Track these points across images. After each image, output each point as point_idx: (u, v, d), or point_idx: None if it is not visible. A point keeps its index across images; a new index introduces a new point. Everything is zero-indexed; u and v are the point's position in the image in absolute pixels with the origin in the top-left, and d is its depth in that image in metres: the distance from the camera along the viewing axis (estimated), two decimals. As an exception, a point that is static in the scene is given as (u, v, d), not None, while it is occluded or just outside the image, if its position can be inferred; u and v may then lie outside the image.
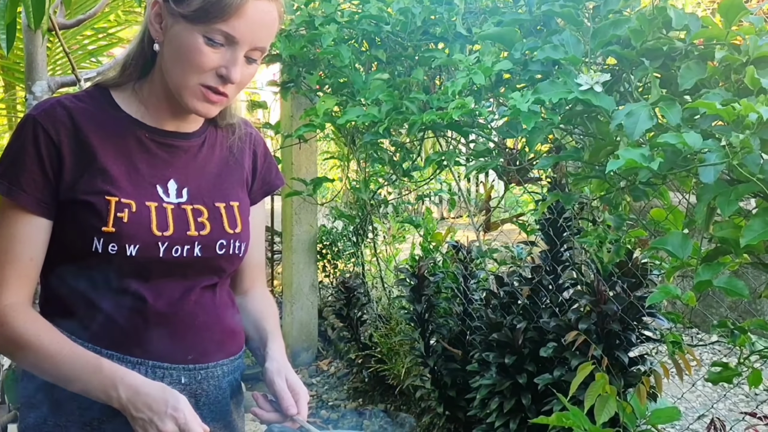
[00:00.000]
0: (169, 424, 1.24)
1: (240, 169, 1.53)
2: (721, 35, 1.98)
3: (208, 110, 1.37)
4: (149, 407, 1.25)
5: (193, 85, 1.33)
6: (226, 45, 1.31)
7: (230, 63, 1.31)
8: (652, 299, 1.88)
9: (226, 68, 1.31)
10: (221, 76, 1.32)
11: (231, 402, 1.50)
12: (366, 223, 4.08)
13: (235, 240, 1.45)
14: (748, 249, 1.79)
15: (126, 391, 1.27)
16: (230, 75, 1.31)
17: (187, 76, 1.32)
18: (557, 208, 2.80)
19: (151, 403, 1.26)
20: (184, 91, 1.34)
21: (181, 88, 1.34)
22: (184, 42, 1.31)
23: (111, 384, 1.27)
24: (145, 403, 1.26)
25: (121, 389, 1.27)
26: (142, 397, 1.26)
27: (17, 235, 1.34)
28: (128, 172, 1.37)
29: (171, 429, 1.24)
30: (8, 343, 1.34)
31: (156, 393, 1.27)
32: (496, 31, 2.35)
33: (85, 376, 1.29)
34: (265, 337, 1.53)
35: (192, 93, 1.34)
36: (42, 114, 1.34)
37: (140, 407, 1.26)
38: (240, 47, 1.31)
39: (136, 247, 1.33)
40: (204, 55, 1.30)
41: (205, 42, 1.30)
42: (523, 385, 2.83)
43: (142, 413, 1.25)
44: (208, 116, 1.39)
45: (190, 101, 1.35)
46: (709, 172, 1.74)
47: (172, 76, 1.35)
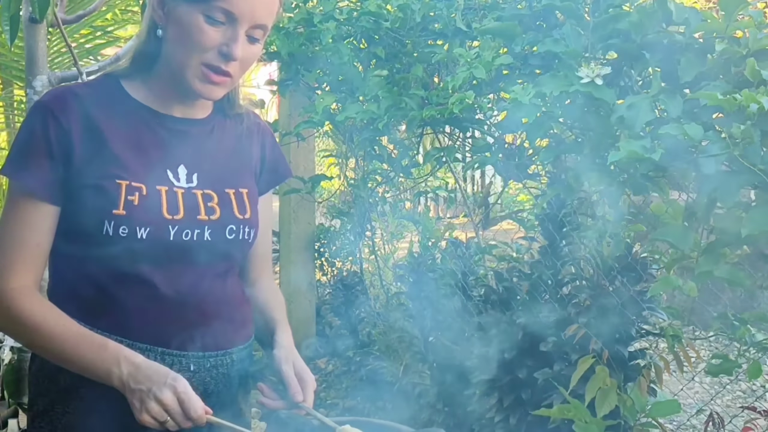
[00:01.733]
0: (167, 393, 1.25)
1: (248, 158, 1.55)
2: (721, 29, 1.99)
3: (211, 92, 1.37)
4: (149, 378, 1.27)
5: (196, 65, 1.34)
6: (226, 23, 1.32)
7: (231, 40, 1.32)
8: (653, 290, 1.90)
9: (227, 45, 1.32)
10: (223, 54, 1.33)
11: (239, 391, 1.51)
12: (364, 220, 4.08)
13: (244, 225, 1.46)
14: (749, 240, 1.80)
15: (128, 366, 1.28)
16: (231, 52, 1.32)
17: (189, 55, 1.34)
18: (556, 203, 2.81)
19: (152, 375, 1.27)
20: (187, 72, 1.35)
21: (185, 68, 1.35)
22: (185, 22, 1.33)
23: (114, 360, 1.29)
24: (146, 375, 1.27)
25: (123, 365, 1.28)
26: (143, 371, 1.28)
27: (25, 220, 1.35)
28: (138, 157, 1.38)
29: (169, 397, 1.25)
30: (15, 325, 1.36)
31: (158, 368, 1.29)
32: (496, 25, 2.36)
33: (89, 355, 1.30)
34: (273, 327, 1.53)
35: (195, 73, 1.35)
36: (52, 100, 1.36)
37: (140, 379, 1.27)
38: (240, 24, 1.32)
39: (146, 230, 1.33)
40: (204, 34, 1.32)
41: (206, 20, 1.31)
42: (522, 380, 2.83)
43: (142, 384, 1.27)
44: (213, 98, 1.40)
45: (193, 83, 1.36)
46: (710, 163, 1.75)
47: (175, 58, 1.36)
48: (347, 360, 4.43)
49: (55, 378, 1.39)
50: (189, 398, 1.26)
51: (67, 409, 1.39)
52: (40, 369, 1.43)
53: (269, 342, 1.51)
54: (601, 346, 2.33)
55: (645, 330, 2.58)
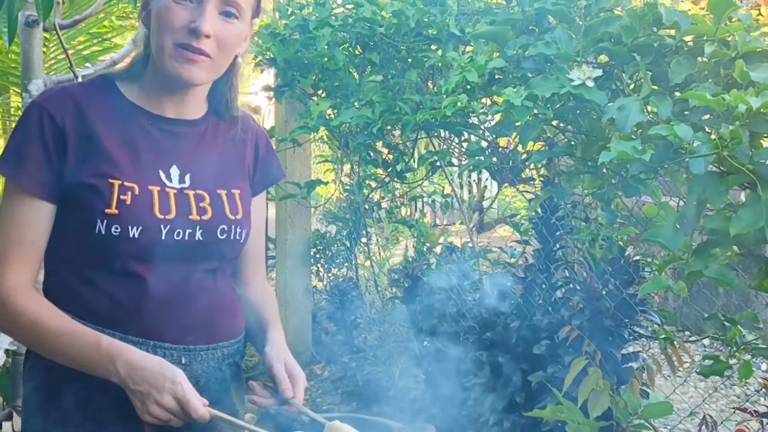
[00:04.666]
0: (166, 397, 1.27)
1: (242, 160, 1.56)
2: (711, 32, 2.01)
3: (190, 72, 1.38)
4: (147, 381, 1.28)
5: (169, 46, 1.36)
6: (194, 1, 1.35)
7: (197, 15, 1.35)
8: (644, 290, 1.91)
9: (194, 22, 1.34)
10: (191, 31, 1.35)
11: (231, 385, 1.52)
12: (359, 226, 4.10)
13: (236, 226, 1.47)
14: (738, 239, 1.82)
15: (124, 366, 1.29)
16: (199, 27, 1.34)
17: (162, 38, 1.36)
18: (550, 206, 2.82)
19: (149, 378, 1.28)
20: (164, 57, 1.37)
21: (161, 54, 1.37)
22: (158, 8, 1.36)
23: (109, 360, 1.30)
24: (143, 377, 1.28)
25: (119, 365, 1.29)
26: (139, 372, 1.28)
27: (20, 218, 1.36)
28: (131, 157, 1.39)
29: (169, 402, 1.27)
30: (11, 323, 1.38)
31: (153, 367, 1.29)
32: (489, 29, 2.38)
33: (84, 353, 1.31)
34: (265, 326, 1.55)
35: (170, 56, 1.36)
36: (47, 100, 1.37)
37: (138, 381, 1.28)
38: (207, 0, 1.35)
39: (138, 229, 1.35)
40: (172, 12, 1.34)
41: (174, 1, 1.34)
42: (516, 383, 2.84)
43: (140, 386, 1.28)
44: (194, 81, 1.40)
45: (171, 66, 1.37)
46: (699, 163, 1.76)
47: (154, 46, 1.39)
48: (343, 366, 4.43)
49: (50, 374, 1.40)
50: (189, 401, 1.28)
51: (61, 404, 1.39)
52: (33, 365, 1.44)
53: (261, 341, 1.52)
54: (594, 348, 2.34)
55: (637, 333, 2.59)
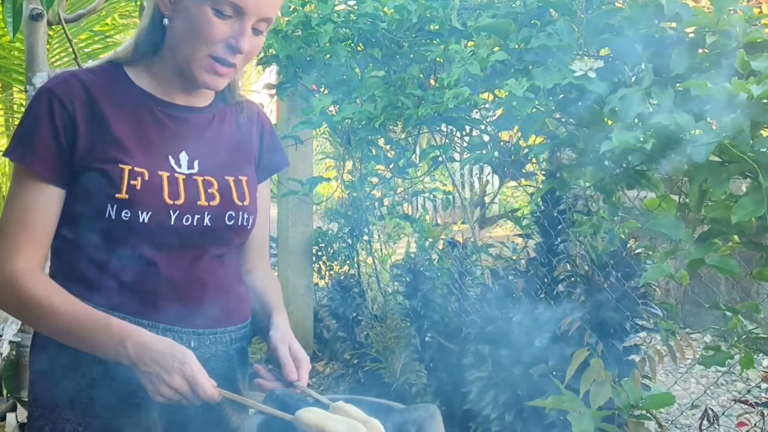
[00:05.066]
0: (176, 377, 1.28)
1: (248, 146, 1.58)
2: (712, 23, 2.02)
3: (216, 83, 1.40)
4: (156, 362, 1.29)
5: (202, 57, 1.36)
6: (234, 16, 1.35)
7: (239, 34, 1.35)
8: (646, 278, 1.92)
9: (235, 39, 1.35)
10: (230, 47, 1.36)
11: (238, 369, 1.53)
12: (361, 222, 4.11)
13: (243, 212, 1.49)
14: (739, 228, 1.83)
15: (134, 347, 1.30)
16: (239, 45, 1.35)
17: (196, 48, 1.36)
18: (552, 200, 2.83)
19: (158, 358, 1.29)
20: (193, 64, 1.38)
21: (191, 60, 1.38)
22: (193, 14, 1.35)
23: (119, 341, 1.30)
24: (153, 358, 1.29)
25: (129, 346, 1.30)
26: (149, 353, 1.29)
27: (30, 202, 1.37)
28: (141, 142, 1.41)
29: (178, 382, 1.28)
30: (21, 306, 1.38)
31: (163, 348, 1.30)
32: (491, 22, 2.39)
33: (94, 335, 1.32)
34: (269, 311, 1.56)
35: (201, 65, 1.37)
36: (57, 85, 1.39)
37: (148, 362, 1.29)
38: (248, 18, 1.35)
39: (148, 214, 1.36)
40: (213, 27, 1.34)
41: (214, 13, 1.34)
42: (518, 376, 2.85)
43: (150, 367, 1.29)
44: (216, 89, 1.43)
45: (198, 74, 1.38)
46: (700, 152, 1.77)
47: (181, 49, 1.39)
48: (345, 363, 4.44)
49: (57, 357, 1.41)
50: (198, 381, 1.29)
51: (68, 387, 1.40)
52: (41, 348, 1.45)
53: (266, 325, 1.53)
54: (596, 339, 2.35)
55: (639, 325, 2.60)
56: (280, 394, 1.35)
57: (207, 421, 1.50)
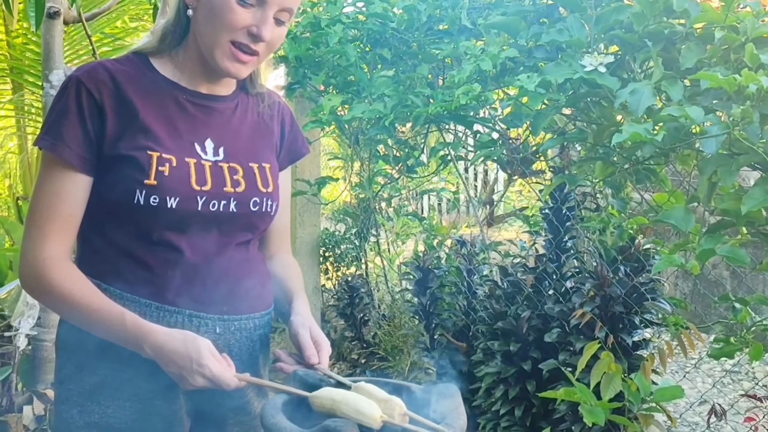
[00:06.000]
0: (197, 378, 1.32)
1: (270, 135, 1.61)
2: (720, 19, 2.05)
3: (238, 70, 1.43)
4: (175, 363, 1.32)
5: (225, 44, 1.39)
6: (256, 5, 1.38)
7: (261, 22, 1.38)
8: (657, 267, 1.94)
9: (257, 27, 1.38)
10: (252, 35, 1.39)
11: (260, 356, 1.56)
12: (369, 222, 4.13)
13: (267, 198, 1.52)
14: (749, 218, 1.85)
15: (151, 348, 1.33)
16: (261, 33, 1.38)
17: (219, 34, 1.39)
18: (560, 197, 2.86)
19: (176, 360, 1.32)
20: (216, 51, 1.41)
21: (214, 47, 1.41)
22: (216, 2, 1.38)
23: (136, 342, 1.34)
24: (171, 359, 1.32)
25: (146, 347, 1.34)
26: (167, 355, 1.33)
27: (59, 191, 1.40)
28: (168, 130, 1.44)
29: (200, 382, 1.32)
30: (45, 294, 1.42)
31: (178, 349, 1.32)
32: (501, 20, 2.43)
33: (113, 332, 1.36)
34: (290, 296, 1.59)
35: (223, 52, 1.40)
36: (85, 74, 1.42)
37: (167, 363, 1.33)
38: (270, 7, 1.39)
39: (176, 199, 1.39)
40: (236, 14, 1.37)
41: (237, 1, 1.37)
42: (527, 371, 2.87)
43: (171, 368, 1.33)
44: (239, 77, 1.46)
45: (221, 61, 1.41)
46: (711, 143, 1.80)
47: (204, 36, 1.42)
48: (352, 363, 4.46)
49: (85, 342, 1.43)
50: (218, 379, 1.32)
51: (96, 370, 1.43)
52: (68, 333, 1.47)
53: (287, 311, 1.56)
54: (606, 332, 2.38)
55: (648, 320, 2.62)
56: (302, 374, 1.38)
57: (231, 406, 1.53)
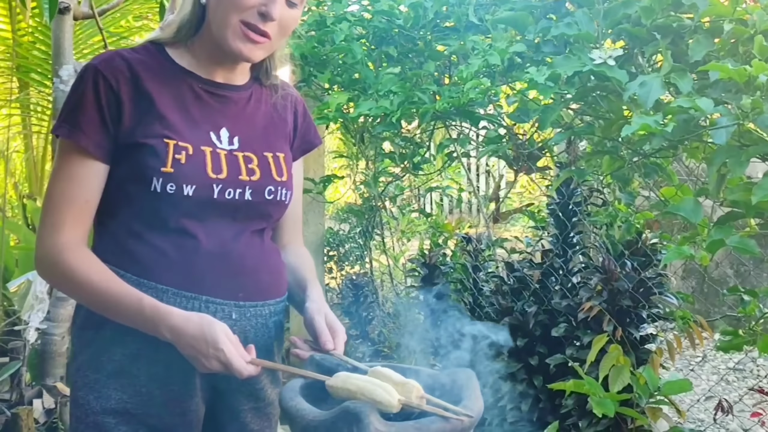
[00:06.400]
0: (213, 362, 1.32)
1: (283, 125, 1.62)
2: (728, 12, 2.07)
3: (251, 51, 1.44)
4: (192, 347, 1.33)
5: (235, 24, 1.40)
6: None
7: (270, 1, 1.40)
8: (667, 258, 1.95)
9: (266, 5, 1.39)
10: (261, 14, 1.40)
11: (275, 343, 1.57)
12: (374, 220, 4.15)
13: (282, 187, 1.53)
14: (758, 209, 1.86)
15: (169, 332, 1.34)
16: (270, 11, 1.39)
17: (229, 14, 1.40)
18: (567, 192, 2.87)
19: (193, 344, 1.33)
20: (227, 32, 1.42)
21: (225, 28, 1.42)
22: None
23: (153, 326, 1.35)
24: (188, 343, 1.33)
25: (163, 330, 1.34)
26: (184, 339, 1.33)
27: (75, 177, 1.41)
28: (184, 118, 1.45)
29: (216, 366, 1.33)
30: (63, 280, 1.43)
31: (195, 333, 1.33)
32: (509, 15, 2.44)
33: (130, 315, 1.37)
34: (304, 285, 1.59)
35: (234, 32, 1.41)
36: (102, 63, 1.43)
37: (184, 346, 1.34)
38: None
39: (192, 187, 1.40)
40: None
41: None
42: (534, 366, 2.88)
43: (187, 351, 1.34)
44: (252, 59, 1.46)
45: (233, 42, 1.42)
46: (720, 134, 1.81)
47: (215, 19, 1.43)
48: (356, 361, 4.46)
49: (101, 328, 1.44)
50: (233, 365, 1.32)
51: (113, 357, 1.44)
52: (85, 320, 1.48)
53: (301, 298, 1.57)
54: (614, 325, 2.38)
55: (655, 314, 2.63)
56: (319, 359, 1.39)
57: (246, 393, 1.54)
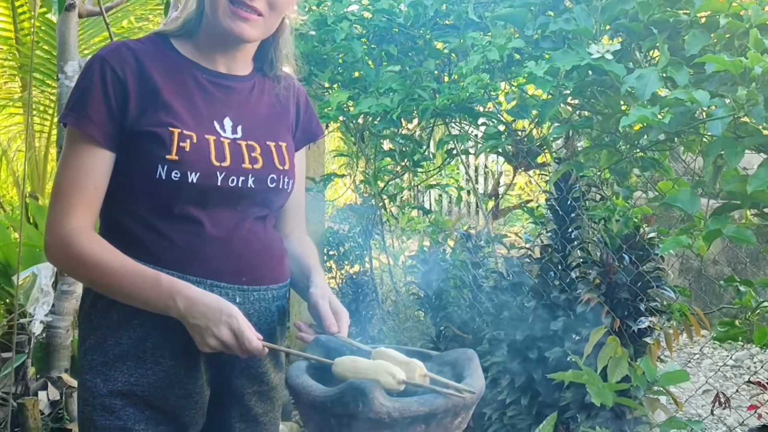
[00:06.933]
0: (223, 329, 1.35)
1: (286, 115, 1.66)
2: (724, 8, 2.10)
3: (242, 29, 1.47)
4: (205, 315, 1.36)
5: (223, 3, 1.45)
6: None
7: None
8: (664, 248, 1.98)
9: None
10: None
11: (278, 327, 1.60)
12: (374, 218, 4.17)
13: (284, 176, 1.57)
14: (754, 199, 1.90)
15: (183, 301, 1.37)
16: None
17: None
18: (566, 187, 2.90)
19: (206, 312, 1.36)
20: (218, 13, 1.46)
21: (215, 9, 1.47)
22: None
23: (169, 296, 1.38)
24: (201, 311, 1.36)
25: (178, 300, 1.37)
26: (198, 307, 1.37)
27: (84, 165, 1.45)
28: (188, 108, 1.49)
29: (225, 333, 1.35)
30: (75, 263, 1.45)
31: (211, 303, 1.38)
32: (508, 11, 2.48)
33: (145, 290, 1.40)
34: (307, 272, 1.63)
35: (224, 12, 1.46)
36: (109, 53, 1.47)
37: (196, 315, 1.36)
38: None
39: (196, 174, 1.44)
40: None
41: None
42: (533, 360, 2.90)
43: (198, 320, 1.36)
44: (246, 37, 1.49)
45: (224, 21, 1.46)
46: (716, 126, 1.85)
47: (209, 4, 1.48)
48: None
49: (108, 312, 1.48)
50: (244, 332, 1.36)
51: (120, 340, 1.47)
52: (92, 305, 1.51)
53: (305, 285, 1.60)
54: (612, 317, 2.41)
55: (653, 308, 2.65)
56: (324, 340, 1.42)
57: (249, 375, 1.57)
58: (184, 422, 1.51)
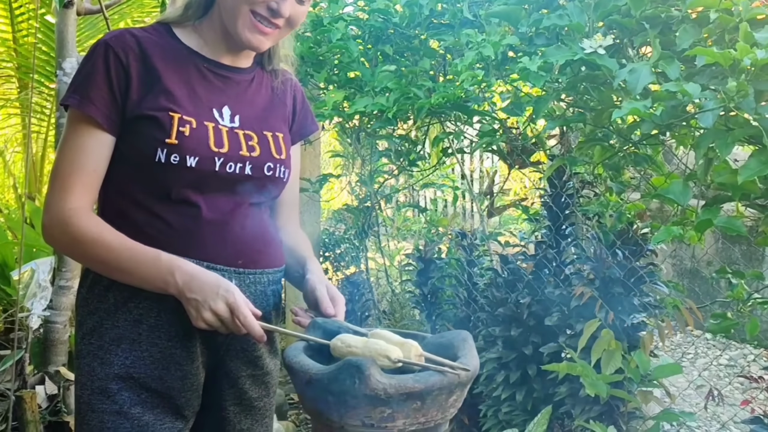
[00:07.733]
0: (220, 303, 1.38)
1: (283, 108, 1.69)
2: (715, 3, 2.13)
3: (259, 42, 1.51)
4: (202, 289, 1.39)
5: (245, 14, 1.48)
6: None
7: None
8: (656, 239, 2.01)
9: (277, 2, 1.47)
10: (271, 10, 1.48)
11: (272, 311, 1.62)
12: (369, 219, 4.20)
13: (280, 165, 1.59)
14: (744, 190, 1.92)
15: (182, 276, 1.40)
16: (280, 9, 1.48)
17: (239, 4, 1.48)
18: (560, 184, 2.93)
19: (204, 286, 1.39)
20: (237, 21, 1.49)
21: (235, 17, 1.49)
22: None
23: (168, 271, 1.40)
24: (199, 286, 1.39)
25: (177, 275, 1.40)
26: (196, 282, 1.39)
27: (84, 147, 1.47)
28: (189, 94, 1.52)
29: (221, 308, 1.38)
30: (74, 242, 1.47)
31: (209, 278, 1.41)
32: (502, 9, 2.51)
33: (144, 266, 1.42)
34: (302, 261, 1.66)
35: (244, 23, 1.49)
36: (113, 39, 1.50)
37: (194, 289, 1.39)
38: None
39: (195, 159, 1.46)
40: None
41: None
42: (528, 356, 2.93)
43: (195, 294, 1.39)
44: (259, 49, 1.54)
45: (242, 32, 1.49)
46: (707, 117, 1.87)
47: (226, 7, 1.51)
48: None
49: (105, 296, 1.50)
50: (239, 306, 1.39)
51: (116, 323, 1.49)
52: (89, 290, 1.53)
53: (300, 274, 1.62)
54: (606, 311, 2.43)
55: (646, 302, 2.68)
56: (321, 322, 1.44)
57: (244, 359, 1.60)
58: (179, 404, 1.53)
